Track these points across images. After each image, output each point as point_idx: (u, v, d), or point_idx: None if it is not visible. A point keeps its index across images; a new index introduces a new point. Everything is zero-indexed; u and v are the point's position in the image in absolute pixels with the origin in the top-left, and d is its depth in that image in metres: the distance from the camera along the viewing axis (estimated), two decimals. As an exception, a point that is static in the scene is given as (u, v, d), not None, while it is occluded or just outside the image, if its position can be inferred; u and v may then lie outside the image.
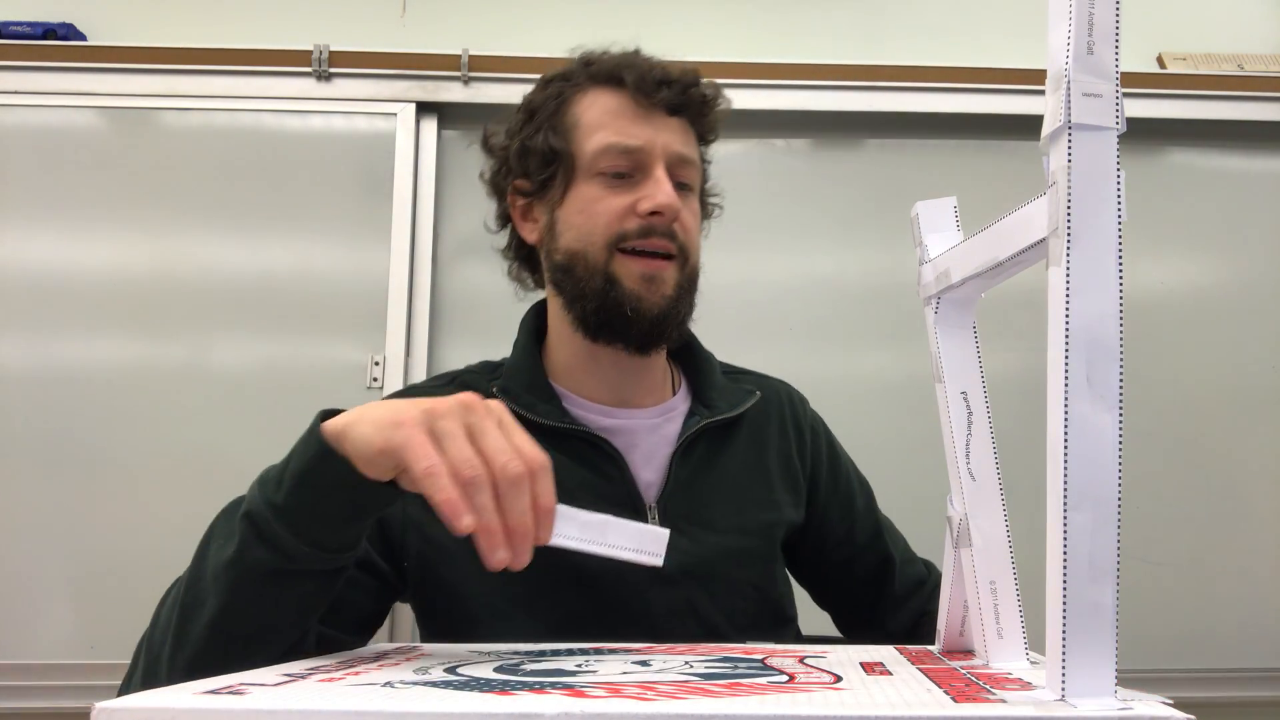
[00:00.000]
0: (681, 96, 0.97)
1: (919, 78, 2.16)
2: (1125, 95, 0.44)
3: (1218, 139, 2.19)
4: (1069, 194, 0.44)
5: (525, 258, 1.07)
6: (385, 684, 0.50)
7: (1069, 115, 0.44)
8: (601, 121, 0.96)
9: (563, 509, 0.65)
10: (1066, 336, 0.43)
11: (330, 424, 0.67)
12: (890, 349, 2.09)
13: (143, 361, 1.99)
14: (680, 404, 1.03)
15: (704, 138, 1.03)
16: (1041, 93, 0.43)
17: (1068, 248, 0.43)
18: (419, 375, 2.04)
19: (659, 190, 0.93)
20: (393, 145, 2.11)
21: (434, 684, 0.50)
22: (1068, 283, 0.43)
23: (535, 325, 1.05)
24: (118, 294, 2.01)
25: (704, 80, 1.00)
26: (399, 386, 2.00)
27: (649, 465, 0.98)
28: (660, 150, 0.95)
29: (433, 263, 2.10)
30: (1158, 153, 2.19)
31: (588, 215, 0.95)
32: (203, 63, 2.08)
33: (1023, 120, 2.13)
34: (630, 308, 0.93)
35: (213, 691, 0.45)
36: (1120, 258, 0.43)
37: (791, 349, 2.08)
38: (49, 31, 2.07)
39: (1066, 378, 0.43)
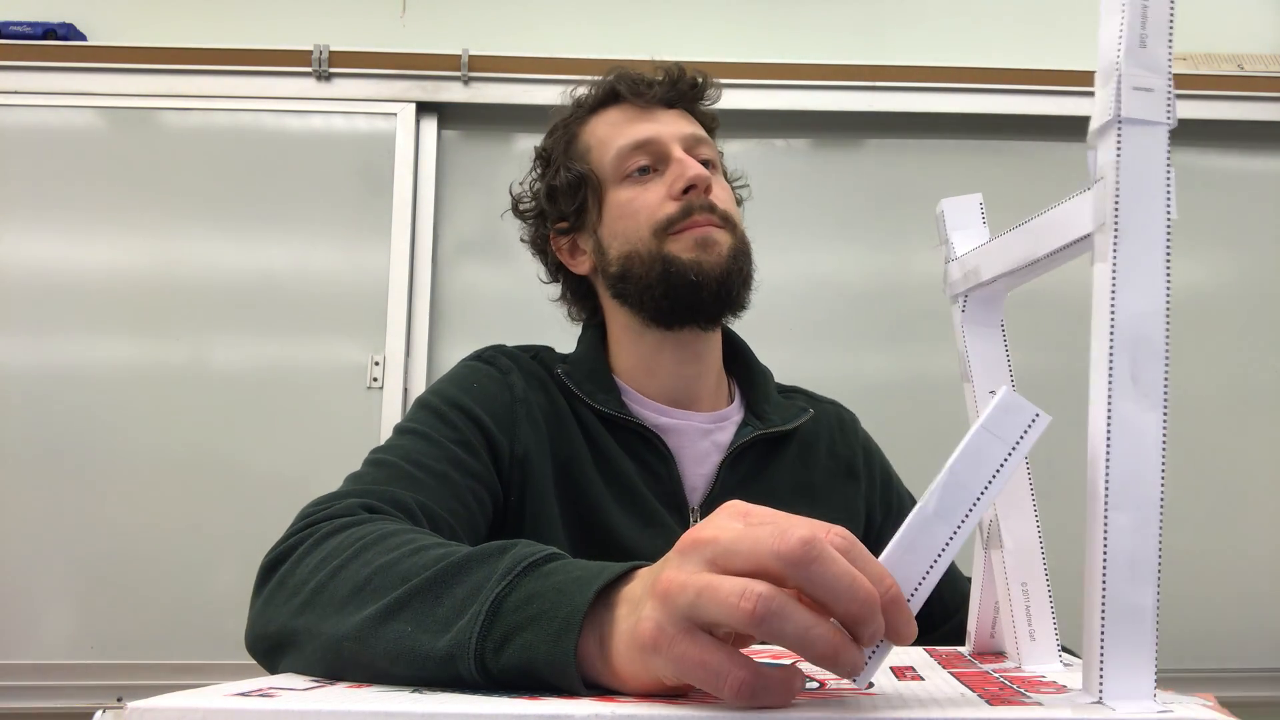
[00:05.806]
0: (671, 90, 1.02)
1: (920, 77, 2.16)
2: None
3: (1218, 139, 2.19)
4: (1117, 189, 0.43)
5: (582, 294, 1.09)
6: (414, 690, 0.49)
7: (1119, 109, 0.43)
8: (610, 133, 1.02)
9: None
10: (1111, 334, 0.42)
11: (587, 645, 0.47)
12: (890, 349, 2.09)
13: (143, 361, 1.99)
14: (734, 414, 1.04)
15: (706, 127, 1.06)
16: (1042, 93, 0.43)
17: (1114, 244, 0.43)
18: (419, 375, 2.03)
19: (686, 167, 0.96)
20: (393, 145, 2.10)
21: (462, 689, 0.50)
22: (1114, 279, 0.43)
23: (599, 327, 1.07)
24: (118, 294, 2.00)
25: (691, 71, 1.05)
26: (399, 387, 1.99)
27: (697, 469, 0.99)
28: (671, 136, 0.99)
29: (433, 263, 2.09)
30: (1158, 153, 2.19)
31: (628, 216, 0.98)
32: (203, 63, 2.08)
33: (1024, 120, 2.13)
34: (693, 274, 0.94)
35: (243, 694, 0.45)
36: (1168, 255, 0.43)
37: (791, 349, 2.08)
38: (49, 31, 2.06)
39: (1110, 375, 0.42)
